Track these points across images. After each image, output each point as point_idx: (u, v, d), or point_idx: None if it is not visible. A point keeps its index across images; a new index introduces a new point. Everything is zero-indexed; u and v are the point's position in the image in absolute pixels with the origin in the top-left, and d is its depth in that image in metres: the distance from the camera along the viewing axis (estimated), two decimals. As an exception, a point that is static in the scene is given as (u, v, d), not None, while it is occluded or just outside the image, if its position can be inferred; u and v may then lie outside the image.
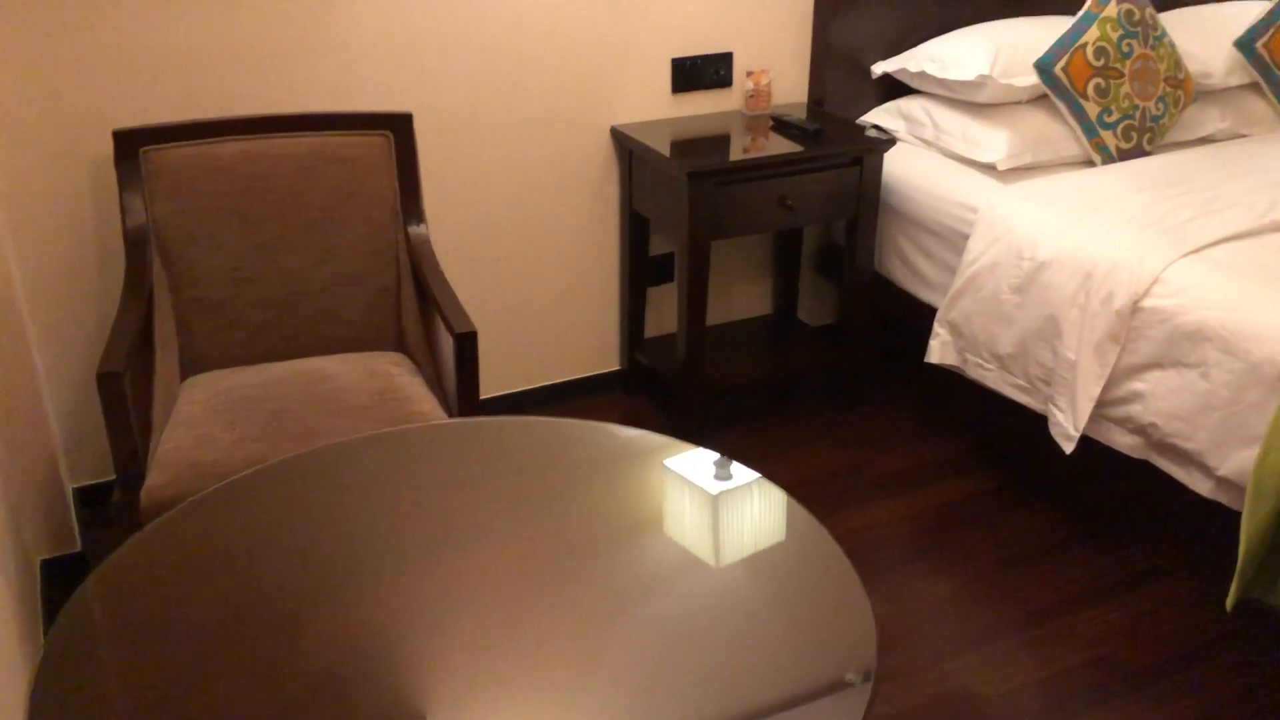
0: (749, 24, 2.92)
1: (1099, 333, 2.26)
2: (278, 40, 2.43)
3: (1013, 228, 2.49)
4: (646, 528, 1.54)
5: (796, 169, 2.69)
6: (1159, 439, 2.20)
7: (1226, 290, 2.12)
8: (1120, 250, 2.28)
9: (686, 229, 2.62)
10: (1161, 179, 2.59)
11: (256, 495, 1.63)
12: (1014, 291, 2.46)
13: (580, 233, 2.92)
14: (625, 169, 2.88)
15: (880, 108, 3.09)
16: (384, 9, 2.51)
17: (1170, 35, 2.89)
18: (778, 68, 3.01)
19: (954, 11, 3.07)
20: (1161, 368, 2.18)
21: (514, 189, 2.80)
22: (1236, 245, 2.27)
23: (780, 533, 1.53)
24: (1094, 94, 2.74)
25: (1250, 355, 2.02)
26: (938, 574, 2.41)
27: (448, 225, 2.74)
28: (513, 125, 2.74)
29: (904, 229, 2.87)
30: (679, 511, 1.59)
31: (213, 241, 2.24)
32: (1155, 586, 2.37)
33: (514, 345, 2.96)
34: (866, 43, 3.03)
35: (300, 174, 2.28)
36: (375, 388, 2.12)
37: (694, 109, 2.95)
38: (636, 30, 2.79)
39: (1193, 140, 2.96)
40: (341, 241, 2.31)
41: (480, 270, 2.83)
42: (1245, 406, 2.03)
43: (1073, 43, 2.74)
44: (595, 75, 2.79)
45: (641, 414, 3.04)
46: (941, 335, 2.69)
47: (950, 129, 2.83)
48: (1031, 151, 2.74)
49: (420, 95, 2.61)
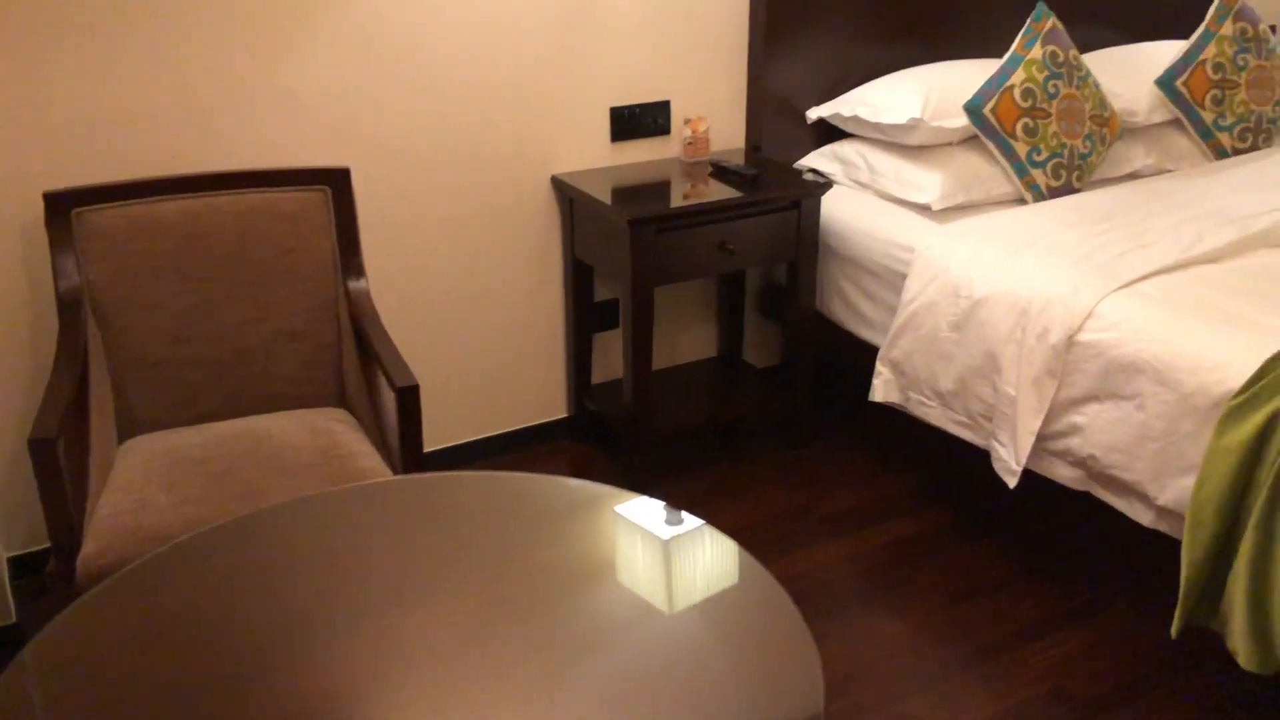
0: (685, 72, 2.96)
1: (1036, 368, 2.30)
2: (213, 97, 2.42)
3: (949, 266, 2.53)
4: (592, 579, 1.54)
5: (736, 214, 2.72)
6: (1099, 471, 2.24)
7: (1158, 323, 2.17)
8: (1054, 286, 2.32)
9: (629, 275, 2.63)
10: (1091, 215, 2.65)
11: (197, 560, 1.60)
12: (952, 329, 2.50)
13: (523, 281, 2.92)
14: (567, 217, 2.89)
15: (817, 152, 3.14)
16: (320, 64, 2.51)
17: (1094, 75, 2.98)
18: (715, 115, 3.05)
19: (884, 57, 3.13)
20: (1099, 401, 2.22)
21: (455, 239, 2.80)
22: (1166, 278, 2.32)
23: (727, 579, 1.53)
24: (1023, 134, 2.80)
25: (1183, 386, 2.07)
26: (889, 612, 2.42)
27: (389, 278, 2.73)
28: (453, 176, 2.74)
29: (844, 270, 2.90)
30: (624, 562, 1.58)
31: (150, 302, 2.21)
32: (1103, 616, 2.39)
33: (459, 396, 2.94)
34: (801, 89, 3.08)
35: (238, 231, 2.26)
36: (317, 445, 2.09)
37: (633, 157, 2.97)
38: (574, 80, 2.82)
39: (1120, 176, 3.04)
40: (281, 298, 2.29)
41: (423, 322, 2.82)
42: (1181, 436, 2.07)
43: (1000, 85, 2.81)
44: (534, 125, 2.80)
45: (590, 461, 3.03)
46: (884, 374, 2.72)
47: (885, 171, 2.88)
48: (964, 191, 2.79)
49: (359, 148, 2.61)
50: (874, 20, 3.11)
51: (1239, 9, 3.16)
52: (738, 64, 3.03)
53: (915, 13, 3.17)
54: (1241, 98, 3.14)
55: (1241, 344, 2.04)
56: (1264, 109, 3.16)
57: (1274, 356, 1.97)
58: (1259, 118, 3.16)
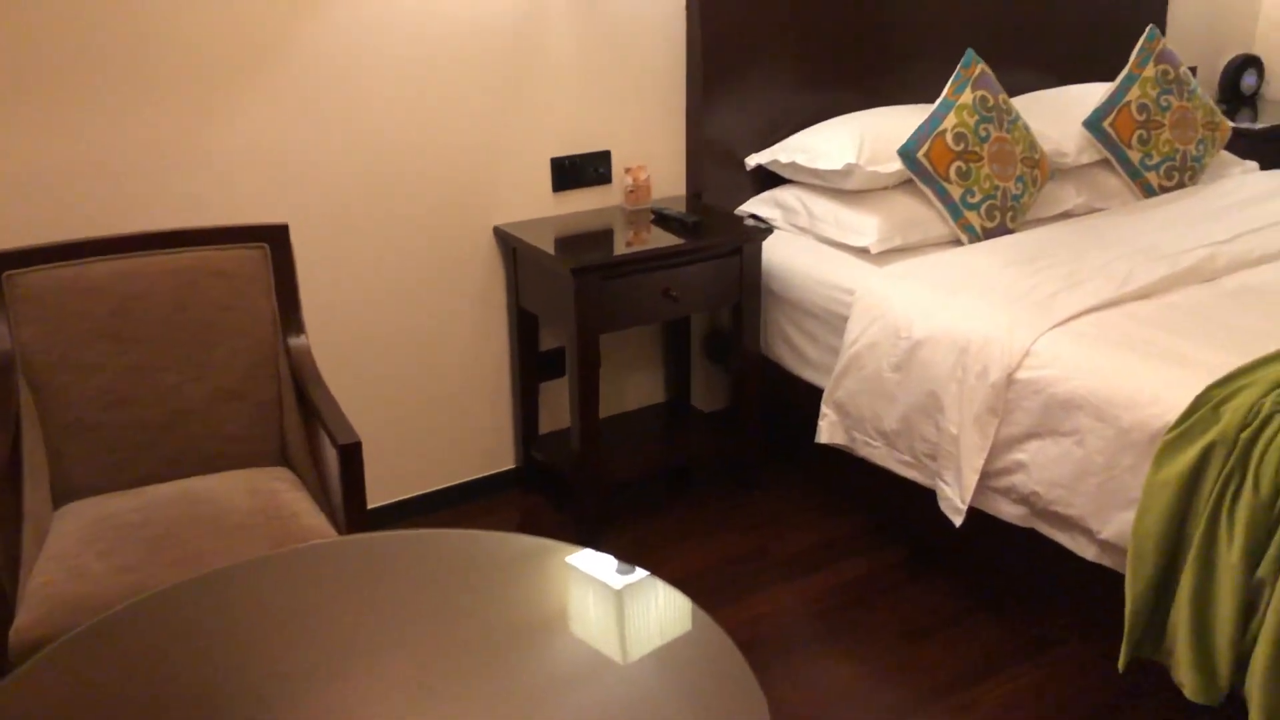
0: (625, 122, 2.99)
1: (978, 406, 2.33)
2: (146, 156, 2.40)
3: (889, 308, 2.56)
4: (537, 635, 1.52)
5: (679, 260, 2.73)
6: (1042, 507, 2.27)
7: (1094, 359, 2.21)
8: (991, 325, 2.36)
9: (574, 324, 2.63)
10: (1025, 254, 2.70)
11: (135, 628, 1.56)
12: (894, 370, 2.52)
13: (467, 332, 2.91)
14: (510, 267, 2.89)
15: (757, 197, 3.17)
16: (257, 121, 2.50)
17: (1024, 118, 3.05)
18: (655, 163, 3.08)
19: (820, 103, 3.19)
20: (1039, 437, 2.25)
21: (397, 292, 2.78)
22: (1100, 315, 2.37)
23: (673, 630, 1.52)
24: (956, 177, 2.86)
25: (1120, 421, 2.10)
26: (842, 654, 2.41)
27: (331, 333, 2.71)
28: (393, 229, 2.74)
29: (787, 313, 2.93)
30: (570, 617, 1.57)
31: (85, 364, 2.17)
32: (1053, 652, 2.41)
33: (405, 450, 2.91)
34: (739, 136, 3.12)
35: (176, 291, 2.23)
36: (259, 506, 2.06)
37: (575, 206, 2.99)
38: (515, 131, 2.83)
39: (1052, 216, 3.10)
40: (221, 357, 2.26)
41: (366, 376, 2.80)
42: (1121, 471, 2.10)
43: (933, 129, 2.87)
44: (475, 176, 2.81)
45: (539, 511, 3.01)
46: (829, 415, 2.74)
47: (823, 216, 2.92)
48: (901, 234, 2.84)
49: (297, 203, 2.59)
50: (808, 69, 3.16)
51: (1160, 52, 3.26)
52: (677, 113, 3.07)
53: (849, 61, 3.23)
54: (1166, 137, 3.23)
55: (1175, 378, 2.08)
56: (1188, 147, 3.26)
57: (1207, 390, 2.01)
58: (1184, 156, 3.25)
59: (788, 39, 3.10)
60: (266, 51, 2.47)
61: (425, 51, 2.65)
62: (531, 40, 2.79)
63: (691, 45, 2.99)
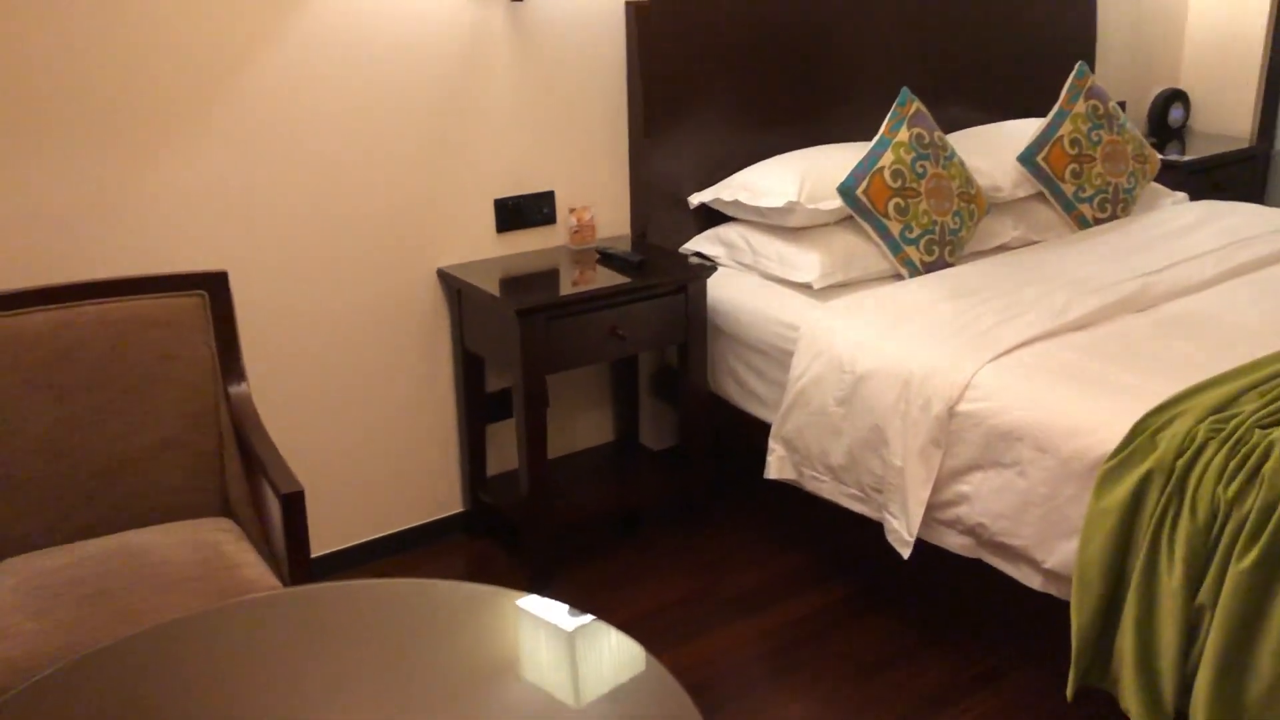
0: (568, 162, 3.00)
1: (921, 438, 2.35)
2: (80, 204, 2.37)
3: (833, 343, 2.58)
4: (485, 684, 1.50)
5: (625, 299, 2.74)
6: (988, 538, 2.29)
7: (1033, 390, 2.24)
8: (933, 358, 2.39)
9: (520, 365, 2.62)
10: (965, 288, 2.74)
11: (70, 691, 1.51)
12: (840, 404, 2.54)
13: (412, 376, 2.89)
14: (455, 309, 2.88)
15: (701, 235, 3.20)
16: (196, 166, 2.48)
17: (959, 154, 3.11)
18: (600, 203, 3.09)
19: (762, 142, 3.23)
20: (983, 469, 2.28)
21: (340, 337, 2.76)
22: (1038, 347, 2.41)
23: (620, 674, 1.51)
24: (894, 213, 2.90)
25: (1061, 451, 2.13)
26: (795, 692, 2.41)
27: (273, 379, 2.68)
28: (336, 273, 2.72)
29: (734, 350, 2.94)
30: (518, 664, 1.55)
31: (19, 417, 2.13)
32: (1004, 682, 2.42)
33: (350, 497, 2.88)
34: (682, 175, 3.14)
35: (111, 341, 2.19)
36: (200, 558, 2.02)
37: (520, 247, 2.99)
38: (457, 173, 2.83)
39: (990, 249, 3.16)
40: (160, 406, 2.23)
41: (310, 422, 2.76)
42: (1063, 500, 2.13)
43: (871, 167, 2.91)
44: (418, 219, 2.80)
45: (488, 555, 2.98)
46: (777, 451, 2.75)
47: (766, 253, 2.95)
48: (843, 269, 2.87)
49: (238, 249, 2.57)
50: (749, 109, 3.20)
51: (1090, 88, 3.35)
52: (619, 153, 3.09)
53: (788, 100, 3.28)
54: (1098, 170, 3.31)
55: (1113, 407, 2.12)
56: (1119, 180, 3.34)
57: (1143, 418, 2.04)
58: (1115, 188, 3.33)
59: (727, 80, 3.14)
60: (206, 97, 2.46)
61: (366, 95, 2.65)
62: (474, 82, 2.80)
63: (633, 87, 3.02)
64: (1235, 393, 2.09)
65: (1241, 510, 1.85)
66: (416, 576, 2.85)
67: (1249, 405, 2.04)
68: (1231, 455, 1.91)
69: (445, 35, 2.72)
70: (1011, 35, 3.73)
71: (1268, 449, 1.88)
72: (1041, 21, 3.80)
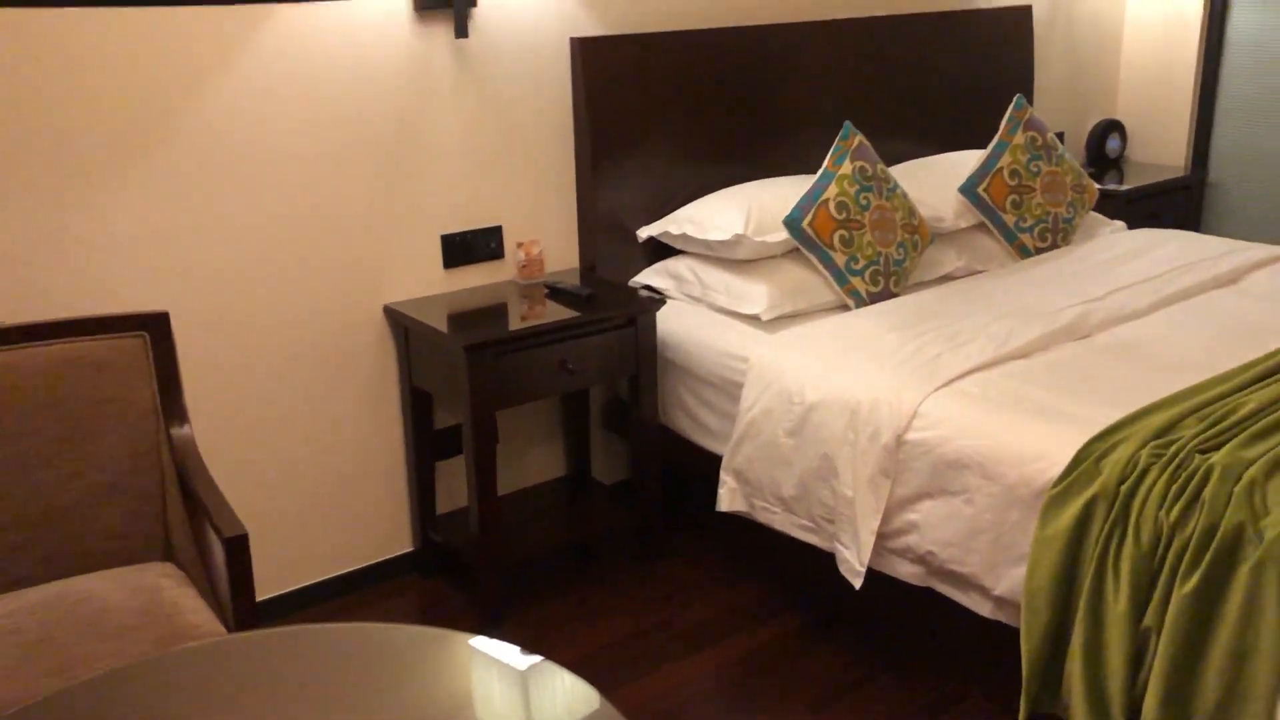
0: (515, 197, 3.00)
1: (871, 468, 2.36)
2: (19, 245, 2.33)
3: (781, 374, 2.60)
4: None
5: (574, 333, 2.74)
6: (938, 566, 2.30)
7: (978, 419, 2.26)
8: (879, 388, 2.41)
9: (468, 402, 2.61)
10: (910, 318, 2.77)
11: (2, 746, 1.47)
12: (789, 435, 2.55)
13: (359, 414, 2.86)
14: (402, 346, 2.86)
15: (650, 268, 3.21)
16: (134, 206, 2.45)
17: (902, 186, 3.15)
18: (548, 237, 3.09)
19: (708, 176, 3.25)
20: (931, 497, 2.29)
21: (285, 376, 2.73)
22: (983, 375, 2.44)
23: (574, 717, 1.49)
24: (840, 244, 2.93)
25: (1006, 478, 2.15)
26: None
27: (216, 420, 2.64)
28: (280, 311, 2.69)
29: (684, 382, 2.95)
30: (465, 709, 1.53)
31: (-49, 463, 2.07)
32: (958, 709, 2.43)
33: (296, 538, 2.83)
34: (630, 209, 3.16)
35: (50, 384, 2.15)
36: (141, 605, 1.97)
37: (468, 282, 2.98)
38: (402, 209, 2.82)
39: (934, 279, 3.20)
40: (99, 450, 2.18)
41: (254, 463, 2.72)
42: (1010, 527, 2.15)
43: (816, 199, 2.95)
44: (363, 256, 2.79)
45: (439, 594, 2.95)
46: (729, 483, 2.75)
47: (715, 285, 2.96)
48: (790, 301, 2.89)
49: (179, 289, 2.54)
50: (695, 143, 3.23)
51: (1028, 119, 3.41)
52: (567, 187, 3.10)
53: (733, 135, 3.31)
54: (1038, 200, 3.37)
55: (1057, 434, 2.15)
56: (1059, 210, 3.40)
57: (1087, 445, 2.07)
58: (1055, 218, 3.39)
59: (674, 114, 3.17)
60: (147, 137, 2.43)
61: (309, 133, 2.64)
62: (420, 118, 2.79)
63: (579, 121, 3.03)
64: (1176, 418, 2.13)
65: (1184, 534, 1.88)
66: (366, 618, 2.81)
67: (1189, 430, 2.07)
68: (1173, 480, 1.94)
69: (390, 71, 2.72)
70: (952, 68, 3.80)
71: (1207, 473, 1.92)
72: (981, 55, 3.88)
